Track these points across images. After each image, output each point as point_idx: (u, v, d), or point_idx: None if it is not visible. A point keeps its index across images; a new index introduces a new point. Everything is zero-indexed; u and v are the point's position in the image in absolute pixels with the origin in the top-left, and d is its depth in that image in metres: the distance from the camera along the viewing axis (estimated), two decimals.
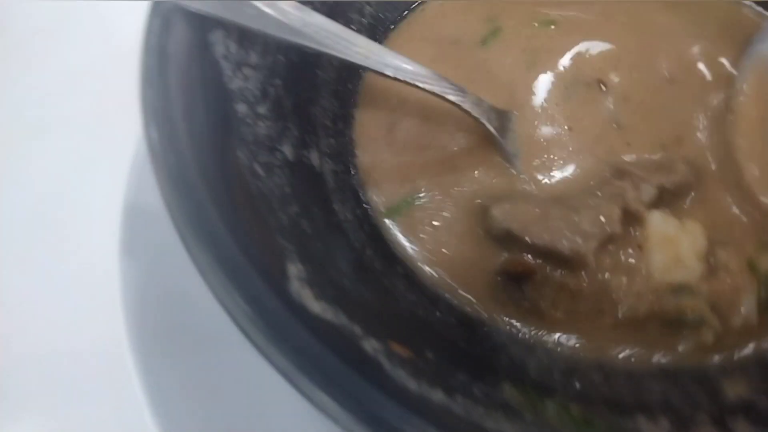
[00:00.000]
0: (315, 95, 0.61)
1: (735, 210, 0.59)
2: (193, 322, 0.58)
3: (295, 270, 0.41)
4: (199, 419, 0.55)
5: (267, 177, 0.49)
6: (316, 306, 0.39)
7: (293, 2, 0.52)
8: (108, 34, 0.77)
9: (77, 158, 0.69)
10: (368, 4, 0.68)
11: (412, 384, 0.37)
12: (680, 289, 0.55)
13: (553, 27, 0.69)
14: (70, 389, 0.60)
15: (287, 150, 0.54)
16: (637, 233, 0.57)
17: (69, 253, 0.65)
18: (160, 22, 0.46)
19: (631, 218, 0.57)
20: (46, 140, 0.70)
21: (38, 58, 0.75)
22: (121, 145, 0.66)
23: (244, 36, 0.53)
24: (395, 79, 0.56)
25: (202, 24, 0.48)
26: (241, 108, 0.51)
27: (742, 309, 0.54)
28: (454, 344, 0.51)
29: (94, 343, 0.60)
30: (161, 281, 0.61)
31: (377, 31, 0.68)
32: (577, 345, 0.54)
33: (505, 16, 0.70)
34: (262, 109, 0.53)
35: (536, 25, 0.69)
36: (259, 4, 0.50)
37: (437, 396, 0.37)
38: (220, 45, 0.50)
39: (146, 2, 0.47)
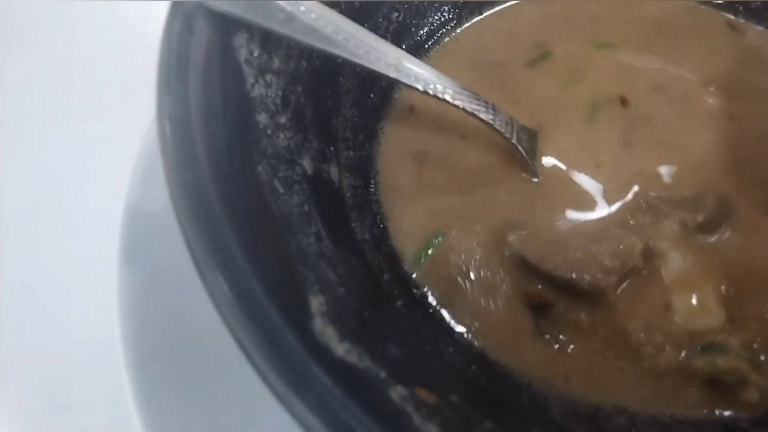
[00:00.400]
0: (337, 104, 0.58)
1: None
2: (192, 334, 0.55)
3: (316, 303, 0.38)
4: None
5: (287, 194, 0.46)
6: (340, 348, 0.36)
7: (323, 6, 0.48)
8: (113, 21, 0.73)
9: (79, 153, 0.66)
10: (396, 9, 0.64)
11: None
12: (710, 347, 0.52)
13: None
14: (59, 394, 0.57)
15: (306, 163, 0.51)
16: (658, 271, 0.54)
17: (67, 252, 0.62)
18: (181, 23, 0.42)
19: (652, 254, 0.54)
20: (48, 133, 0.67)
21: (41, 47, 0.71)
22: (126, 140, 0.63)
23: (268, 39, 0.49)
24: (425, 93, 0.52)
25: (226, 26, 0.45)
26: (263, 118, 0.47)
27: None
28: (476, 384, 0.48)
29: (88, 348, 0.57)
30: (160, 289, 0.58)
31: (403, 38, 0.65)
32: (600, 392, 0.51)
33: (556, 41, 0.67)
34: (282, 119, 0.50)
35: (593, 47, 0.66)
36: (289, 7, 0.47)
37: None
38: (244, 49, 0.47)
39: (166, 1, 0.43)
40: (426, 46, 0.67)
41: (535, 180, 0.58)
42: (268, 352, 0.32)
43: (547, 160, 0.59)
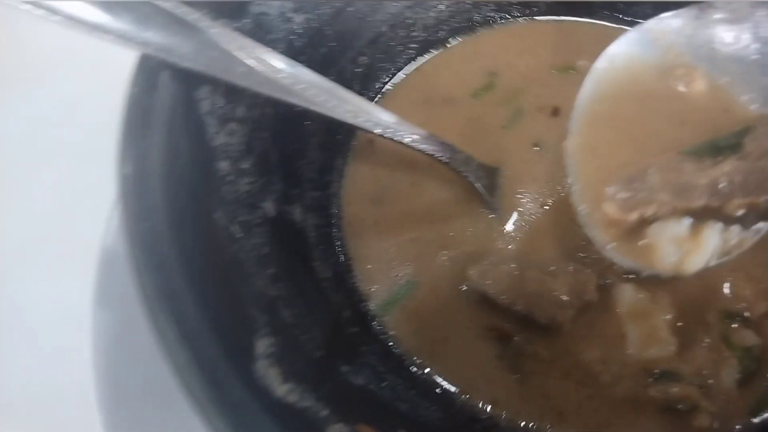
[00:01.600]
0: (302, 147, 0.61)
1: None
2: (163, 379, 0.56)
3: (263, 345, 0.40)
4: None
5: (245, 238, 0.48)
6: (281, 389, 0.38)
7: (284, 58, 0.51)
8: (99, 64, 0.76)
9: (59, 195, 0.68)
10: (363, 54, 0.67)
11: None
12: (663, 375, 0.54)
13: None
14: None
15: (269, 206, 0.54)
16: (612, 304, 0.56)
17: (44, 295, 0.63)
18: (145, 78, 0.45)
19: (606, 287, 0.56)
20: (29, 176, 0.69)
21: (23, 90, 0.74)
22: (105, 183, 0.64)
23: (232, 90, 0.52)
24: (383, 137, 0.55)
25: (189, 80, 0.47)
26: (224, 165, 0.50)
27: (723, 384, 0.53)
28: (432, 419, 0.50)
29: (60, 390, 0.58)
30: (134, 331, 0.58)
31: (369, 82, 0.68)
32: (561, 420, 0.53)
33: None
34: (245, 165, 0.52)
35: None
36: (248, 60, 0.49)
37: None
38: (207, 101, 0.49)
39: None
40: (383, 85, 0.70)
41: (494, 216, 0.60)
42: (209, 393, 0.34)
43: (506, 195, 0.61)
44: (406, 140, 0.56)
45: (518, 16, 0.73)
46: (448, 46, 0.72)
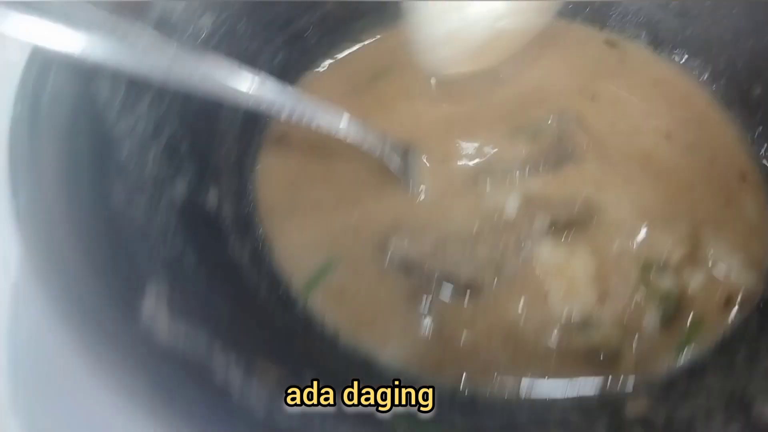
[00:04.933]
0: (217, 139, 0.61)
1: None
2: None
3: (152, 301, 0.40)
4: None
5: (149, 214, 0.49)
6: (166, 335, 0.38)
7: (183, 46, 0.53)
8: None
9: None
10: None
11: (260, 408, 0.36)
12: (585, 326, 0.54)
13: None
14: None
15: (180, 190, 0.54)
16: (531, 263, 0.56)
17: None
18: (38, 68, 0.46)
19: (526, 248, 0.57)
20: None
21: None
22: None
23: (135, 82, 0.53)
24: (289, 119, 0.56)
25: (86, 69, 0.49)
26: (127, 148, 0.51)
27: (645, 328, 0.53)
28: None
29: None
30: None
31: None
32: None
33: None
34: (152, 150, 0.53)
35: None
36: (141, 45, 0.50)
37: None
38: (106, 91, 0.50)
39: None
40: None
41: (410, 191, 0.61)
42: (85, 332, 0.34)
43: (422, 172, 0.63)
44: (309, 121, 0.57)
45: None
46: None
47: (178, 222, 0.51)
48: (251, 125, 0.65)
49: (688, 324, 0.55)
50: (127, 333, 0.35)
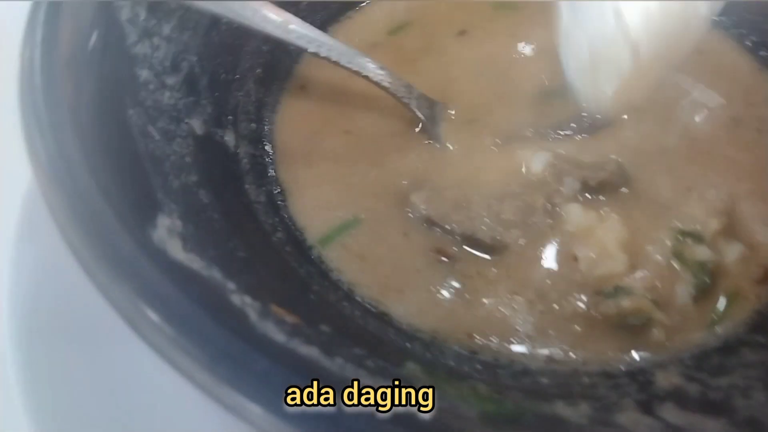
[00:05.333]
0: (238, 79, 0.59)
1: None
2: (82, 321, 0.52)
3: (167, 222, 0.38)
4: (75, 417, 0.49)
5: (163, 142, 0.46)
6: (180, 254, 0.35)
7: None
8: None
9: None
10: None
11: (279, 336, 0.33)
12: (616, 292, 0.51)
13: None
14: None
15: (196, 124, 0.52)
16: (561, 224, 0.54)
17: None
18: None
19: (554, 209, 0.54)
20: None
21: None
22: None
23: (157, 7, 0.51)
24: (316, 55, 0.53)
25: None
26: (144, 73, 0.48)
27: (678, 299, 0.51)
28: (364, 329, 0.47)
29: None
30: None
31: None
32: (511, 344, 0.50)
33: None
34: (170, 80, 0.51)
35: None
36: None
37: (308, 351, 0.33)
38: (127, 9, 0.48)
39: None
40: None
41: (438, 145, 0.59)
42: (94, 247, 0.31)
43: (449, 127, 0.60)
44: (345, 63, 0.55)
45: None
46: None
47: (195, 155, 0.49)
48: (272, 70, 0.63)
49: (723, 297, 0.52)
50: (140, 252, 0.32)
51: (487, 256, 0.53)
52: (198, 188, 0.46)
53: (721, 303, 0.52)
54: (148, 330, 0.29)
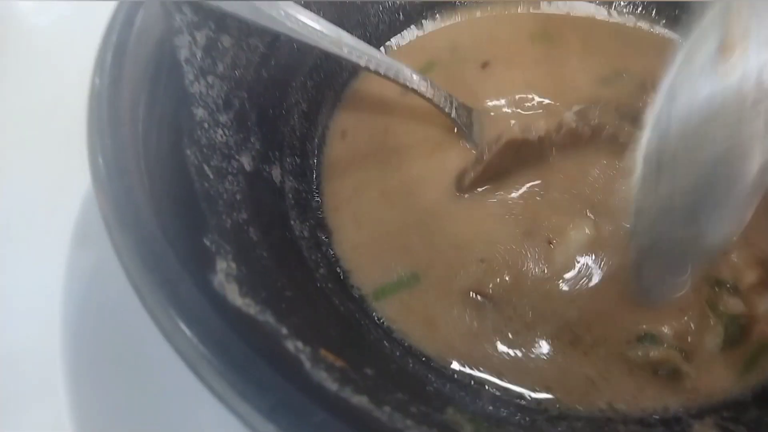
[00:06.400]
0: (284, 114, 0.60)
1: None
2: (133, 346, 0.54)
3: (224, 265, 0.39)
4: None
5: (216, 180, 0.47)
6: (238, 300, 0.36)
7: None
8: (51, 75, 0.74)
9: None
10: None
11: (332, 385, 0.34)
12: (645, 337, 0.52)
13: None
14: None
15: (246, 161, 0.53)
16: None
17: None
18: (125, 15, 0.45)
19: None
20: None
21: None
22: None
23: (212, 46, 0.52)
24: (367, 69, 0.56)
25: (168, 25, 0.48)
26: (200, 112, 0.50)
27: (707, 349, 0.51)
28: (404, 370, 0.47)
29: (27, 351, 0.56)
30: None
31: None
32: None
33: None
34: (222, 118, 0.52)
35: None
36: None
37: (359, 400, 0.34)
38: (185, 49, 0.50)
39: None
40: None
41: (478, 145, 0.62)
42: (158, 292, 0.33)
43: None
44: (392, 76, 0.57)
45: None
46: None
47: (245, 192, 0.50)
48: (321, 103, 0.64)
49: (755, 348, 0.52)
50: (203, 299, 0.33)
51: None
52: (248, 226, 0.47)
53: (753, 354, 0.52)
54: (209, 376, 0.30)
